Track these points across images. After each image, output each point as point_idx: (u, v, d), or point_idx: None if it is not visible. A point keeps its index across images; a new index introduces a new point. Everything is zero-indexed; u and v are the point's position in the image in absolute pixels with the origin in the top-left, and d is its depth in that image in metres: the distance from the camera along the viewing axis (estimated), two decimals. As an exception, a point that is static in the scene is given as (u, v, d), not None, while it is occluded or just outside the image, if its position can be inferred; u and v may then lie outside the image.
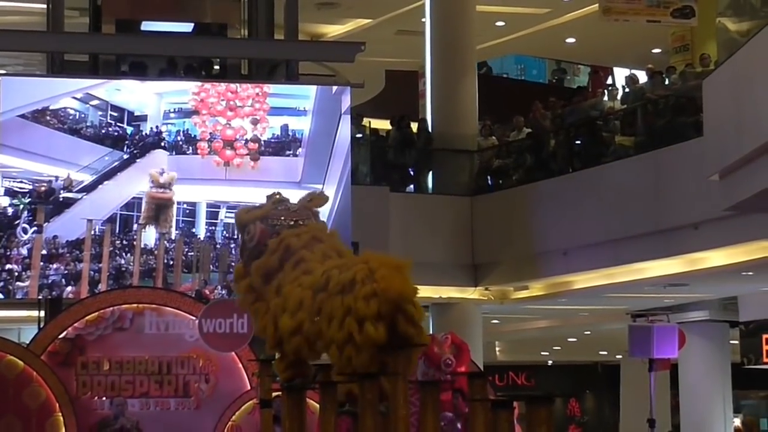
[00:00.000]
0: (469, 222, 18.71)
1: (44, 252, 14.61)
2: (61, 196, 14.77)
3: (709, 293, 19.38)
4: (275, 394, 8.31)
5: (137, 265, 14.81)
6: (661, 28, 20.79)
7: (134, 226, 14.99)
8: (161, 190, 15.00)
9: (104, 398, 13.01)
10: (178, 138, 15.27)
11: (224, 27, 16.51)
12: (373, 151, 18.88)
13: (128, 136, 15.21)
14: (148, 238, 14.97)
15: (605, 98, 19.13)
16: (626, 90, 18.50)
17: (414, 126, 19.55)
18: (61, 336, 13.03)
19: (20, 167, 14.83)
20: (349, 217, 15.04)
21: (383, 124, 20.03)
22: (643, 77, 18.73)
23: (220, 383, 13.16)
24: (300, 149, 15.50)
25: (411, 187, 19.48)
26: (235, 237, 14.53)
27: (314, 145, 15.49)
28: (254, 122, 15.41)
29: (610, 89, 19.90)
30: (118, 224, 14.98)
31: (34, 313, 15.01)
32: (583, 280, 17.85)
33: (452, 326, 15.82)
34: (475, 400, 6.22)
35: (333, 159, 15.41)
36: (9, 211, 14.66)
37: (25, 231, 14.63)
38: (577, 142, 18.57)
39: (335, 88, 15.83)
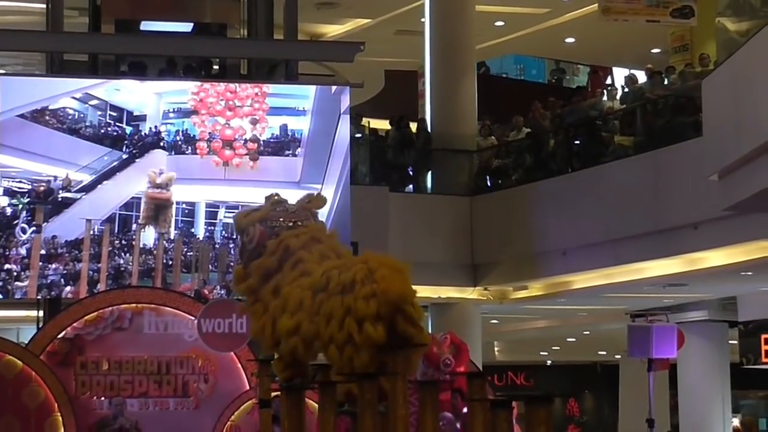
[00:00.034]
0: (468, 222, 18.70)
1: (43, 252, 14.60)
2: (59, 196, 14.76)
3: (708, 293, 19.38)
4: (274, 394, 8.30)
5: (136, 265, 14.80)
6: (660, 28, 20.79)
7: (133, 226, 14.98)
8: (158, 190, 14.98)
9: (103, 398, 13.00)
10: (177, 138, 15.26)
11: (224, 27, 16.50)
12: (373, 151, 18.87)
13: (127, 135, 15.20)
14: (147, 237, 14.96)
15: (604, 98, 19.13)
16: (625, 90, 18.50)
17: (413, 126, 19.55)
18: (60, 336, 13.02)
19: (19, 167, 14.82)
20: (349, 217, 15.03)
21: (382, 124, 20.03)
22: (642, 77, 18.72)
23: (219, 383, 13.15)
24: (299, 149, 15.49)
25: (410, 187, 19.48)
26: (234, 237, 14.52)
27: (313, 145, 15.48)
28: (253, 122, 15.40)
29: (609, 89, 19.90)
30: (117, 224, 14.97)
31: (33, 313, 15.00)
32: (583, 280, 17.85)
33: (451, 326, 15.82)
34: (474, 400, 6.21)
35: (332, 159, 15.40)
36: (8, 211, 14.65)
37: (24, 231, 14.62)
38: (577, 142, 18.57)
39: (334, 87, 15.82)
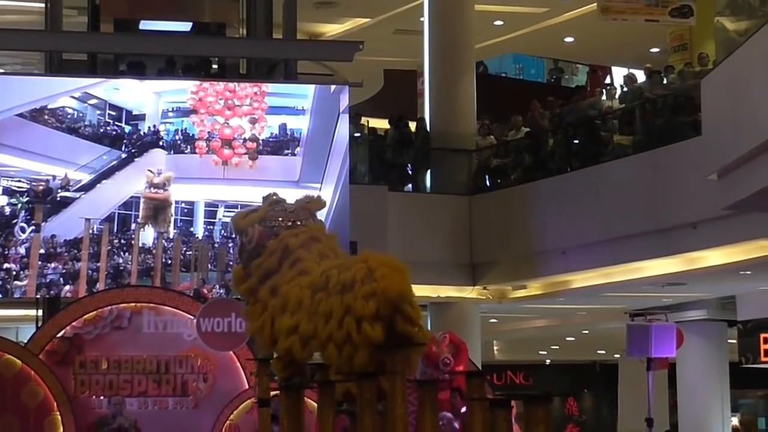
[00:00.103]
0: (467, 221, 18.70)
1: (42, 251, 14.60)
2: (58, 195, 14.76)
3: (707, 292, 19.38)
4: (273, 393, 8.31)
5: (135, 264, 14.80)
6: (659, 28, 20.78)
7: (132, 225, 14.98)
8: (155, 190, 14.98)
9: (102, 397, 13.00)
10: (177, 137, 15.26)
11: (223, 26, 16.50)
12: (372, 150, 18.87)
13: (126, 135, 15.19)
14: (146, 237, 14.95)
15: (603, 97, 19.13)
16: (624, 89, 18.50)
17: (412, 125, 19.54)
18: (59, 335, 13.02)
19: (18, 166, 14.81)
20: (348, 216, 15.03)
21: (381, 124, 20.03)
22: (641, 76, 18.72)
23: (218, 382, 13.16)
24: (298, 148, 15.49)
25: (409, 186, 19.47)
26: (233, 236, 14.50)
27: (312, 145, 15.47)
28: (252, 121, 15.39)
29: (608, 88, 19.89)
30: (116, 223, 14.97)
31: (32, 312, 15.00)
32: (582, 279, 17.86)
33: (450, 325, 15.83)
34: (473, 399, 6.21)
35: (331, 158, 15.40)
36: (7, 210, 14.65)
37: (23, 230, 14.62)
38: (576, 142, 18.57)
39: (333, 87, 15.82)
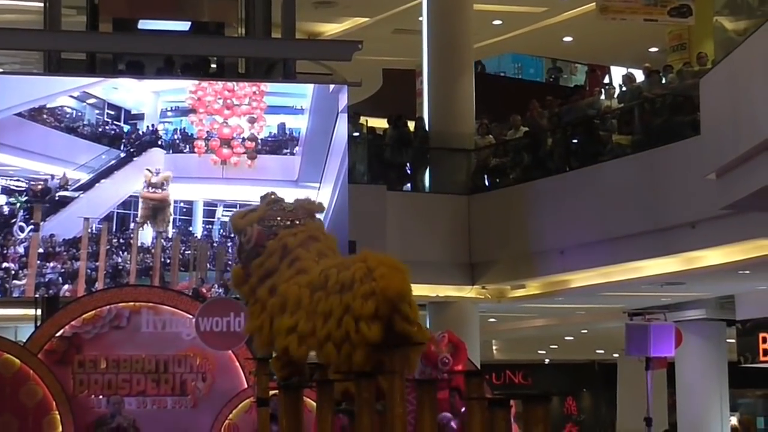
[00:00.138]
0: (466, 221, 18.70)
1: (41, 250, 14.59)
2: (57, 195, 14.75)
3: (706, 292, 19.38)
4: (272, 392, 8.31)
5: (134, 263, 14.79)
6: (658, 27, 20.79)
7: (131, 225, 14.98)
8: (153, 189, 14.97)
9: (101, 396, 13.00)
10: (175, 136, 15.26)
11: (221, 26, 16.49)
12: (370, 149, 18.87)
13: (125, 134, 15.19)
14: (145, 236, 14.95)
15: (602, 97, 19.13)
16: (623, 89, 18.49)
17: (411, 125, 19.54)
18: (57, 334, 13.03)
19: (17, 165, 14.81)
20: (346, 215, 15.04)
21: (380, 123, 20.02)
22: (640, 76, 18.72)
23: (217, 382, 13.16)
24: (297, 148, 15.48)
25: (408, 185, 19.46)
26: (231, 236, 14.50)
27: (311, 144, 15.47)
28: (251, 121, 15.39)
29: (607, 88, 19.89)
30: (114, 223, 14.96)
31: (31, 312, 15.00)
32: (580, 278, 17.86)
33: (449, 325, 15.82)
34: (472, 398, 6.22)
35: (330, 157, 15.39)
36: (5, 209, 14.64)
37: (21, 229, 14.61)
38: (574, 141, 18.57)
39: (332, 86, 15.82)
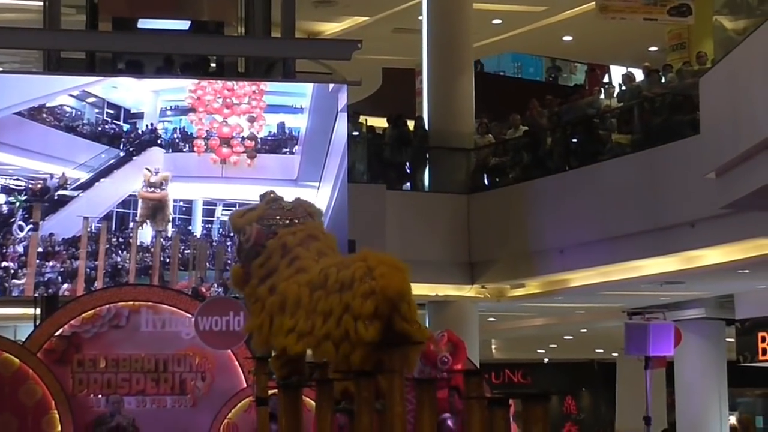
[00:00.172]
0: (465, 220, 18.70)
1: (40, 250, 14.59)
2: (56, 194, 14.75)
3: (706, 291, 19.38)
4: (271, 391, 8.31)
5: (133, 262, 14.79)
6: (657, 26, 20.79)
7: (130, 224, 14.97)
8: (151, 189, 14.97)
9: (100, 396, 13.00)
10: (175, 135, 15.25)
11: (221, 25, 16.47)
12: (370, 148, 18.86)
13: (124, 133, 15.19)
14: (145, 235, 14.94)
15: (602, 96, 19.14)
16: (623, 88, 18.49)
17: (410, 124, 19.54)
18: (57, 334, 13.02)
19: (16, 164, 14.80)
20: (346, 215, 15.03)
21: (380, 122, 20.02)
22: (639, 75, 18.72)
23: (216, 381, 13.16)
24: (296, 147, 15.48)
25: (408, 185, 19.46)
26: (231, 235, 14.49)
27: (311, 143, 15.47)
28: (251, 120, 15.38)
29: (606, 87, 19.89)
30: (114, 222, 14.96)
31: (30, 311, 14.99)
32: (580, 277, 17.86)
33: (449, 324, 15.82)
34: (471, 397, 6.21)
35: (329, 157, 15.39)
36: (5, 208, 14.64)
37: (21, 228, 14.61)
38: (574, 140, 18.58)
39: (332, 85, 15.81)
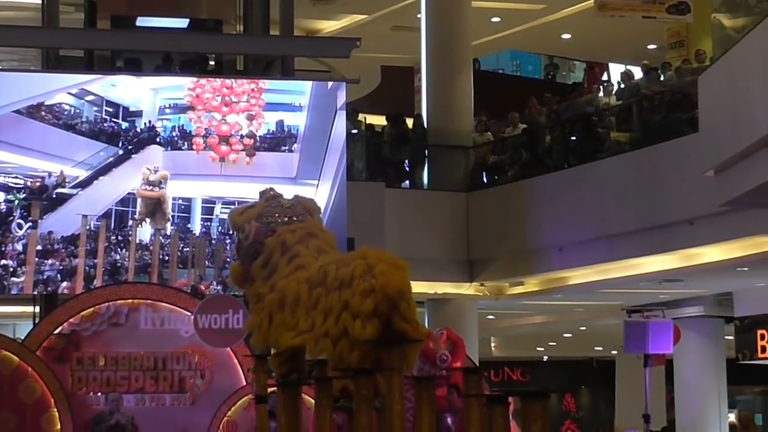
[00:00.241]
0: (464, 218, 18.70)
1: (39, 248, 14.58)
2: (54, 192, 14.74)
3: (704, 289, 19.39)
4: (271, 389, 8.31)
5: (132, 260, 14.79)
6: (656, 24, 20.80)
7: (129, 222, 14.97)
8: (150, 187, 14.96)
9: (99, 394, 12.99)
10: (174, 134, 15.25)
11: (219, 23, 16.47)
12: (369, 146, 18.86)
13: (123, 131, 15.18)
14: (144, 233, 14.94)
15: (600, 94, 19.13)
16: (621, 86, 18.50)
17: (409, 122, 19.54)
18: (56, 332, 13.01)
19: (15, 162, 14.80)
20: (345, 213, 15.03)
21: (379, 120, 20.02)
22: (638, 73, 18.72)
23: (215, 379, 13.16)
24: (295, 145, 15.48)
25: (406, 182, 19.47)
26: (230, 233, 14.50)
27: (310, 141, 15.46)
28: (249, 118, 15.38)
29: (605, 85, 19.89)
30: (113, 220, 14.96)
31: (29, 309, 15.00)
32: (579, 275, 17.86)
33: (448, 322, 15.86)
34: (471, 395, 6.22)
35: (328, 155, 15.39)
36: (3, 206, 14.63)
37: (20, 226, 14.60)
38: (573, 138, 18.58)
39: (330, 83, 15.81)
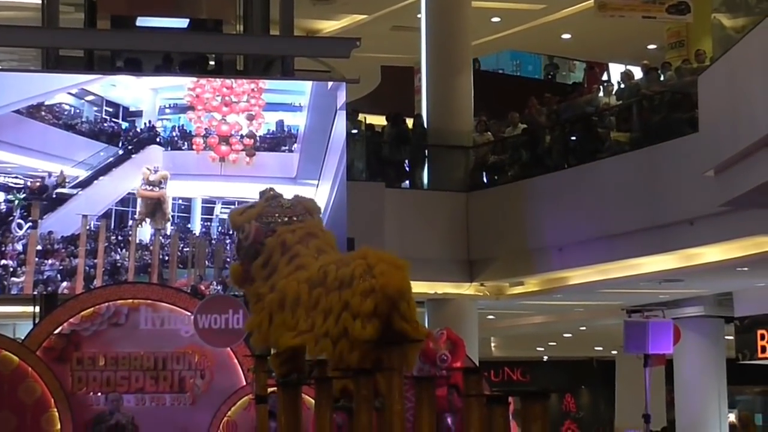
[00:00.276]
0: (464, 218, 18.70)
1: (39, 248, 14.58)
2: (53, 193, 14.74)
3: (704, 289, 19.39)
4: (271, 389, 8.31)
5: (132, 260, 14.79)
6: (656, 24, 20.80)
7: (129, 222, 14.97)
8: (150, 187, 14.97)
9: (99, 394, 12.99)
10: (174, 133, 15.25)
11: (219, 23, 16.47)
12: (369, 146, 18.86)
13: (123, 131, 15.18)
14: (144, 233, 14.94)
15: (600, 94, 19.14)
16: (621, 86, 18.50)
17: (409, 122, 19.54)
18: (56, 332, 13.01)
19: (15, 163, 14.80)
20: (345, 213, 15.03)
21: (379, 120, 20.02)
22: (638, 73, 18.72)
23: (215, 379, 13.16)
24: (295, 145, 15.48)
25: (406, 182, 19.47)
26: (230, 233, 14.50)
27: (309, 141, 15.47)
28: (249, 118, 15.38)
29: (605, 85, 19.89)
30: (113, 220, 14.96)
31: (29, 309, 15.00)
32: (579, 275, 17.86)
33: (448, 322, 15.86)
34: (471, 395, 6.22)
35: (328, 155, 15.39)
36: (3, 207, 14.63)
37: (20, 226, 14.60)
38: (573, 138, 18.58)
39: (330, 83, 15.82)
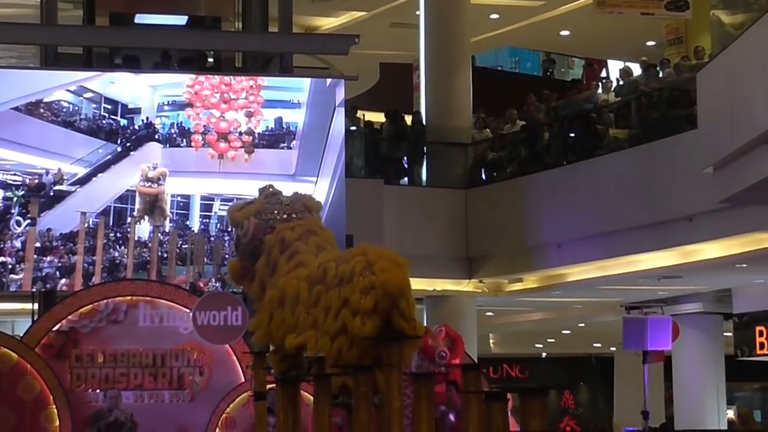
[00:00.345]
0: (463, 214, 18.71)
1: (38, 245, 14.58)
2: (52, 190, 14.74)
3: (703, 285, 19.40)
4: (269, 386, 8.32)
5: (131, 257, 14.79)
6: (655, 21, 20.79)
7: (128, 219, 14.97)
8: (149, 184, 14.97)
9: (98, 391, 13.00)
10: (172, 130, 15.24)
11: (218, 20, 16.47)
12: (368, 143, 18.86)
13: (122, 128, 15.18)
14: (142, 230, 14.94)
15: (599, 91, 19.14)
16: (620, 83, 18.50)
17: (408, 119, 19.54)
18: (55, 328, 13.02)
19: (14, 160, 14.79)
20: (344, 210, 15.03)
21: (377, 117, 20.02)
22: (637, 70, 18.73)
23: (214, 376, 13.16)
24: (294, 142, 15.48)
25: (405, 179, 19.48)
26: (229, 230, 14.50)
27: (308, 138, 15.46)
28: (248, 115, 15.38)
29: (604, 82, 19.90)
30: (111, 217, 14.96)
31: (28, 306, 15.00)
32: (577, 272, 17.87)
33: (446, 319, 15.85)
34: (469, 392, 6.22)
35: (327, 152, 15.39)
36: (2, 204, 14.62)
37: (18, 224, 14.60)
38: (571, 135, 18.58)
39: (329, 80, 15.82)
